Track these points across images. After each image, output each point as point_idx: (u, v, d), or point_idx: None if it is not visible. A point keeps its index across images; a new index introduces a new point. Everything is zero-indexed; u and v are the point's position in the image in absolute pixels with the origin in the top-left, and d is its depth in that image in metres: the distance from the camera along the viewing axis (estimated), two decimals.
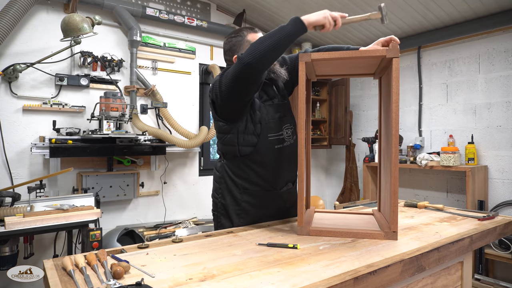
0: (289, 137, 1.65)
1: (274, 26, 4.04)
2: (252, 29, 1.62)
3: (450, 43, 3.54)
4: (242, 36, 1.59)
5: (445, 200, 3.60)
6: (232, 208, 1.61)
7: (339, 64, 1.56)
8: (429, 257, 1.23)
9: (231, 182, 1.62)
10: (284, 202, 1.70)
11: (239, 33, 1.60)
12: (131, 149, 2.96)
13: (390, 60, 1.37)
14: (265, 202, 1.62)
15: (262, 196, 1.61)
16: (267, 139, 1.56)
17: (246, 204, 1.60)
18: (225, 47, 1.65)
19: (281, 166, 1.62)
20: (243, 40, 1.58)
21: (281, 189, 1.67)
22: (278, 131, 1.59)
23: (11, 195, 2.07)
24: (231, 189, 1.62)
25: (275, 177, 1.62)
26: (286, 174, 1.67)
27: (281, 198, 1.67)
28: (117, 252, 1.20)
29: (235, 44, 1.60)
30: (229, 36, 1.63)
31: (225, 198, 1.62)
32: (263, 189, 1.61)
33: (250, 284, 0.93)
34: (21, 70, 2.68)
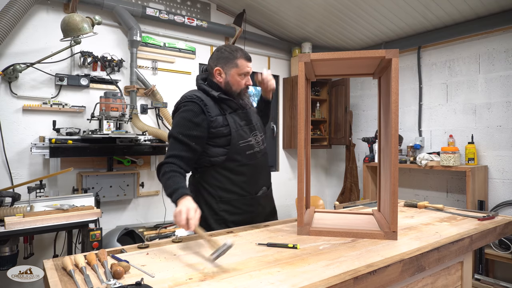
0: (259, 144, 1.71)
1: (274, 26, 4.07)
2: (247, 58, 1.66)
3: (450, 43, 3.54)
4: (234, 57, 1.63)
5: (445, 200, 3.59)
6: (211, 218, 1.62)
7: (338, 65, 1.56)
8: (429, 257, 1.23)
9: (206, 193, 1.64)
10: (263, 207, 1.73)
11: (234, 52, 1.64)
12: (131, 149, 2.96)
13: (389, 60, 1.37)
14: (243, 209, 1.64)
15: (239, 202, 1.64)
16: (238, 146, 1.61)
17: (224, 212, 1.62)
18: (214, 53, 1.69)
19: (254, 171, 1.66)
20: (234, 60, 1.63)
21: (257, 194, 1.69)
22: (247, 138, 1.65)
23: (11, 195, 2.06)
24: (207, 200, 1.63)
25: (249, 182, 1.65)
26: (259, 179, 1.71)
27: (258, 204, 1.70)
28: (117, 252, 1.20)
29: (225, 58, 1.64)
30: (225, 48, 1.67)
31: (203, 209, 1.61)
32: (239, 195, 1.63)
33: (250, 284, 0.93)
34: (21, 70, 2.68)
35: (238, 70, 1.63)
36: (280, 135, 4.44)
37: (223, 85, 1.66)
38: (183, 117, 1.56)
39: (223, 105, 1.64)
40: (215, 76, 1.66)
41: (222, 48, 1.68)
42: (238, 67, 1.63)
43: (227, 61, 1.64)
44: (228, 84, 1.65)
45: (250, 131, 1.68)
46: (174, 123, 1.60)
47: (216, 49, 1.71)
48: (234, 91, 1.66)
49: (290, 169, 4.49)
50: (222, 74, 1.65)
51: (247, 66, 1.65)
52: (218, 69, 1.65)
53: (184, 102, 1.59)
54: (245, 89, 1.69)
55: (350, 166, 4.35)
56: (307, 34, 4.17)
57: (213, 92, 1.62)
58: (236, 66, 1.63)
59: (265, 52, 4.25)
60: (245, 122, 1.68)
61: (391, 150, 1.35)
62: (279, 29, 4.14)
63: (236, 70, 1.63)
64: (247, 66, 1.65)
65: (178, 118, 1.58)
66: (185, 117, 1.55)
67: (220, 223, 1.61)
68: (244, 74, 1.65)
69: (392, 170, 1.34)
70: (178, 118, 1.58)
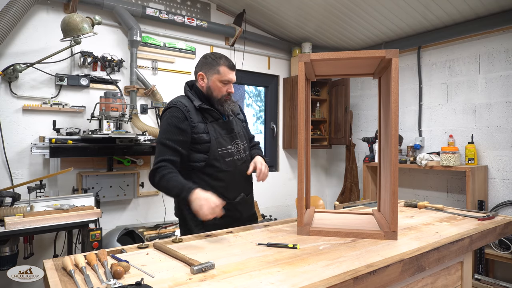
0: (240, 152, 1.78)
1: (274, 26, 4.07)
2: (230, 67, 1.73)
3: (450, 43, 3.54)
4: (217, 63, 1.71)
5: (445, 200, 3.59)
6: (191, 220, 1.68)
7: (338, 65, 1.56)
8: (429, 257, 1.23)
9: None
10: (240, 213, 1.78)
11: (217, 59, 1.73)
12: (131, 149, 2.96)
13: (389, 60, 1.37)
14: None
15: None
16: (217, 153, 1.68)
17: None
18: (200, 59, 1.78)
19: (232, 178, 1.73)
20: (216, 67, 1.71)
21: (234, 200, 1.74)
22: (227, 146, 1.72)
23: (11, 195, 2.06)
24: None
25: (227, 188, 1.71)
26: (238, 185, 1.77)
27: (236, 209, 1.75)
28: (117, 252, 1.20)
29: (208, 64, 1.73)
30: (210, 55, 1.76)
31: (183, 211, 1.72)
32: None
33: (250, 284, 0.93)
34: (21, 70, 2.68)
35: (219, 76, 1.71)
36: (280, 135, 4.44)
37: (204, 89, 1.74)
38: (168, 123, 1.65)
39: (205, 114, 1.72)
40: (198, 80, 1.76)
41: (207, 55, 1.77)
42: (220, 73, 1.70)
43: (210, 67, 1.72)
44: (210, 89, 1.72)
45: (231, 140, 1.75)
46: (161, 129, 1.69)
47: (203, 55, 1.80)
48: (215, 97, 1.72)
49: (290, 169, 4.50)
50: (204, 79, 1.73)
51: (229, 73, 1.72)
52: (201, 74, 1.74)
53: (170, 108, 1.69)
54: (226, 95, 1.74)
55: (350, 166, 4.35)
56: (307, 34, 4.17)
57: (195, 101, 1.71)
58: (218, 72, 1.70)
59: (265, 52, 4.25)
60: (226, 131, 1.75)
61: (391, 150, 1.35)
62: (279, 29, 4.14)
63: (218, 76, 1.71)
64: (229, 73, 1.72)
65: (165, 125, 1.67)
66: (171, 123, 1.64)
67: (198, 225, 1.67)
68: (226, 81, 1.72)
69: (392, 170, 1.34)
70: (165, 125, 1.67)
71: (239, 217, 1.77)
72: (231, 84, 1.75)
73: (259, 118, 5.13)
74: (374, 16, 3.49)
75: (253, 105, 5.78)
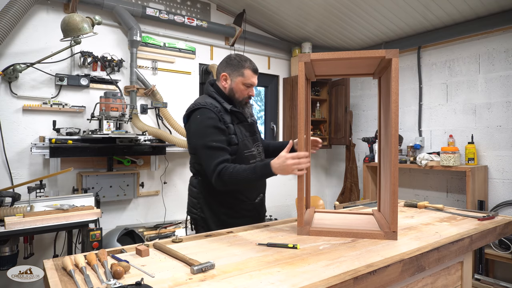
0: (260, 154, 1.80)
1: (274, 26, 4.07)
2: (254, 70, 1.73)
3: (450, 43, 3.54)
4: (242, 66, 1.71)
5: (445, 200, 3.59)
6: (212, 220, 1.69)
7: (338, 64, 1.56)
8: (429, 257, 1.23)
9: (209, 196, 1.70)
10: (258, 212, 1.82)
11: (242, 62, 1.72)
12: (131, 149, 2.96)
13: (389, 60, 1.37)
14: (242, 213, 1.73)
15: (239, 207, 1.72)
16: (243, 155, 1.68)
17: (225, 216, 1.69)
18: (224, 59, 1.78)
19: None
20: (241, 69, 1.71)
21: (255, 200, 1.77)
22: (251, 148, 1.73)
23: (11, 195, 2.06)
24: (210, 203, 1.70)
25: (249, 189, 1.74)
26: (258, 186, 1.80)
27: (255, 209, 1.78)
28: (117, 252, 1.20)
29: (233, 65, 1.72)
30: (235, 56, 1.75)
31: (204, 212, 1.71)
32: (240, 201, 1.71)
33: (250, 284, 0.93)
34: (21, 70, 2.68)
35: (243, 79, 1.71)
36: (280, 135, 4.44)
37: (227, 90, 1.73)
38: (206, 126, 1.60)
39: (233, 115, 1.71)
40: (221, 81, 1.75)
41: (232, 56, 1.76)
42: (244, 76, 1.70)
43: (234, 69, 1.71)
44: (232, 91, 1.72)
45: (254, 142, 1.76)
46: (198, 132, 1.62)
47: (227, 56, 1.78)
48: (237, 99, 1.73)
49: None
50: (228, 80, 1.73)
51: (253, 77, 1.72)
52: (224, 75, 1.73)
53: (199, 109, 1.64)
54: (247, 98, 1.76)
55: (350, 166, 4.35)
56: (307, 34, 4.16)
57: (225, 104, 1.69)
58: (242, 75, 1.70)
59: (265, 52, 4.25)
60: (250, 133, 1.76)
61: (391, 150, 1.35)
62: (279, 29, 4.14)
63: (242, 79, 1.71)
64: (253, 77, 1.72)
65: (202, 127, 1.60)
66: (208, 125, 1.59)
67: (219, 226, 1.65)
68: (249, 84, 1.72)
69: (392, 170, 1.34)
70: (202, 127, 1.60)
71: (257, 217, 1.79)
72: (252, 88, 1.75)
73: (259, 118, 5.12)
74: (374, 16, 3.49)
75: (253, 105, 5.78)
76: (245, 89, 1.72)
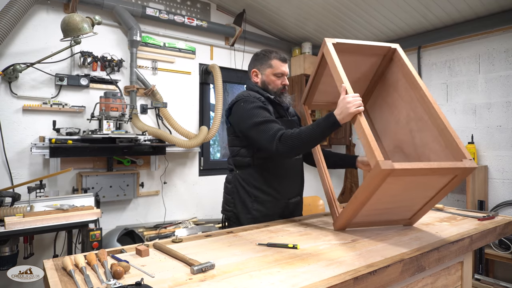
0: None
1: (274, 26, 4.07)
2: (281, 59, 1.75)
3: (450, 43, 3.54)
4: (269, 58, 1.75)
5: (445, 200, 3.59)
6: (244, 216, 1.68)
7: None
8: (429, 257, 1.23)
9: (243, 191, 1.69)
10: (291, 213, 1.76)
11: (268, 54, 1.76)
12: (131, 149, 2.96)
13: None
14: (274, 211, 1.69)
15: (272, 205, 1.68)
16: None
17: (257, 212, 1.67)
18: (252, 58, 1.83)
19: (290, 177, 1.72)
20: (268, 61, 1.74)
21: (290, 200, 1.74)
22: None
23: (11, 195, 2.06)
24: (243, 198, 1.69)
25: (284, 186, 1.70)
26: (294, 185, 1.76)
27: (288, 209, 1.74)
28: (117, 252, 1.20)
29: (260, 60, 1.77)
30: (261, 51, 1.80)
31: (237, 207, 1.70)
32: (273, 198, 1.68)
33: (250, 284, 0.93)
34: (21, 70, 2.68)
35: (272, 70, 1.74)
36: None
37: (260, 85, 1.77)
38: (253, 108, 1.59)
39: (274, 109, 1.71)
40: (253, 77, 1.79)
41: (258, 52, 1.81)
42: (273, 67, 1.73)
43: (262, 62, 1.76)
44: (264, 84, 1.76)
45: None
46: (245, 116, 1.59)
47: (254, 54, 1.82)
48: (271, 90, 1.75)
49: None
50: (259, 75, 1.77)
51: (282, 66, 1.74)
52: (254, 71, 1.78)
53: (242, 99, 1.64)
54: (282, 88, 1.76)
55: None
56: (307, 34, 4.16)
57: (267, 93, 1.71)
58: (270, 66, 1.74)
59: None
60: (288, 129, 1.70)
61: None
62: (279, 29, 4.14)
63: (271, 70, 1.74)
64: (282, 66, 1.74)
65: (248, 111, 1.59)
66: (255, 107, 1.59)
67: (250, 222, 1.64)
68: (279, 74, 1.74)
69: None
70: (248, 111, 1.59)
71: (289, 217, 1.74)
72: (284, 76, 1.76)
73: None
74: (374, 16, 3.49)
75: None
76: (276, 79, 1.74)
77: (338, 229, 1.46)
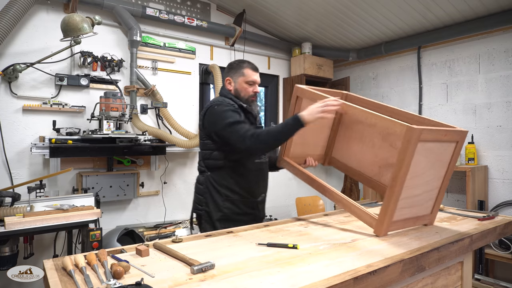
0: (264, 155, 1.92)
1: (274, 26, 4.07)
2: (253, 69, 1.88)
3: (450, 43, 3.54)
4: (241, 67, 1.88)
5: (445, 200, 3.59)
6: (215, 214, 1.80)
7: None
8: (429, 257, 1.23)
9: (214, 191, 1.81)
10: (259, 211, 1.92)
11: (241, 63, 1.90)
12: (131, 149, 2.96)
13: None
14: (244, 210, 1.83)
15: (241, 204, 1.82)
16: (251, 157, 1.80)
17: (227, 210, 1.79)
18: (227, 67, 1.96)
19: (258, 178, 1.87)
20: (240, 70, 1.86)
21: (257, 199, 1.88)
22: None
23: (11, 195, 2.06)
24: (215, 198, 1.81)
25: (253, 187, 1.85)
26: (261, 185, 1.91)
27: (257, 207, 1.89)
28: (117, 252, 1.20)
29: (233, 68, 1.90)
30: (234, 61, 1.94)
31: (209, 206, 1.82)
32: (243, 197, 1.82)
33: (250, 284, 0.93)
34: (21, 70, 2.68)
35: (244, 78, 1.85)
36: None
37: (233, 92, 1.88)
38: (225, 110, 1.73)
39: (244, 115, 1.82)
40: (226, 85, 1.90)
41: (232, 62, 1.95)
42: (245, 75, 1.85)
43: (235, 71, 1.88)
44: (237, 91, 1.87)
45: None
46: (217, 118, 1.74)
47: (228, 64, 1.95)
48: (243, 97, 1.86)
49: None
50: (232, 83, 1.88)
51: (253, 75, 1.86)
52: (228, 79, 1.90)
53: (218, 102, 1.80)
54: (252, 96, 1.88)
55: None
56: (307, 34, 4.16)
57: (239, 101, 1.83)
58: (242, 74, 1.85)
59: (265, 52, 4.25)
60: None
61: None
62: (279, 29, 4.14)
63: (243, 78, 1.85)
64: (253, 75, 1.86)
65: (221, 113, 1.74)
66: (228, 109, 1.74)
67: (221, 220, 1.77)
68: (251, 82, 1.86)
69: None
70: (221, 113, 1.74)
71: (258, 215, 1.89)
72: (256, 85, 1.88)
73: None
74: (374, 16, 3.49)
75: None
76: (248, 87, 1.85)
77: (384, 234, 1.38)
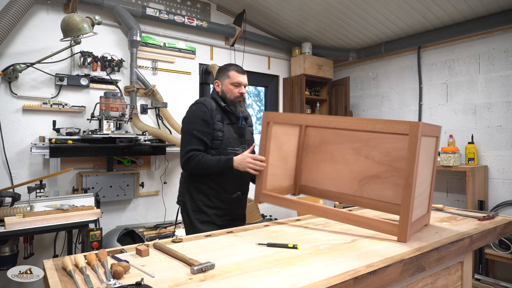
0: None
1: (274, 26, 4.07)
2: (239, 71, 1.98)
3: (450, 43, 3.54)
4: (227, 69, 1.98)
5: (445, 200, 3.59)
6: (190, 205, 1.93)
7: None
8: (429, 257, 1.23)
9: (190, 184, 1.95)
10: (234, 208, 1.97)
11: (227, 66, 2.01)
12: (131, 149, 2.96)
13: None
14: (216, 204, 1.91)
15: (213, 197, 1.91)
16: (225, 151, 1.90)
17: (200, 202, 1.91)
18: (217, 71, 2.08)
19: (233, 176, 1.90)
20: (226, 72, 1.98)
21: (231, 195, 1.93)
22: (235, 147, 1.95)
23: (11, 195, 2.06)
24: (190, 190, 1.94)
25: (227, 184, 1.91)
26: (238, 183, 1.95)
27: (231, 204, 1.94)
28: (117, 252, 1.20)
29: (220, 71, 2.02)
30: (223, 65, 2.05)
31: (185, 197, 1.96)
32: (216, 192, 1.91)
33: (250, 284, 0.93)
34: (21, 70, 2.68)
35: (230, 80, 1.96)
36: None
37: (220, 93, 2.00)
38: (195, 116, 1.88)
39: (225, 115, 1.96)
40: (216, 87, 2.03)
41: (221, 66, 2.06)
42: (230, 77, 1.96)
43: (222, 74, 2.00)
44: (224, 92, 1.98)
45: (240, 143, 1.98)
46: (187, 120, 1.91)
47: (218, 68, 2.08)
48: (229, 98, 1.96)
49: None
50: (219, 85, 2.01)
51: (238, 76, 1.96)
52: (216, 81, 2.02)
53: (197, 103, 1.94)
54: (238, 97, 1.97)
55: None
56: (307, 34, 4.16)
57: (221, 102, 1.96)
58: (228, 77, 1.97)
59: (265, 52, 4.25)
60: (238, 135, 1.98)
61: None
62: (279, 29, 4.14)
63: (229, 80, 1.97)
64: (238, 76, 1.96)
65: (192, 117, 1.90)
66: (198, 116, 1.87)
67: (195, 212, 1.90)
68: (236, 83, 1.96)
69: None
70: (192, 117, 1.90)
71: (233, 212, 1.97)
72: (242, 86, 1.98)
73: (258, 119, 5.13)
74: (374, 16, 3.49)
75: (253, 105, 5.78)
76: (234, 88, 1.96)
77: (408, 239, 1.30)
